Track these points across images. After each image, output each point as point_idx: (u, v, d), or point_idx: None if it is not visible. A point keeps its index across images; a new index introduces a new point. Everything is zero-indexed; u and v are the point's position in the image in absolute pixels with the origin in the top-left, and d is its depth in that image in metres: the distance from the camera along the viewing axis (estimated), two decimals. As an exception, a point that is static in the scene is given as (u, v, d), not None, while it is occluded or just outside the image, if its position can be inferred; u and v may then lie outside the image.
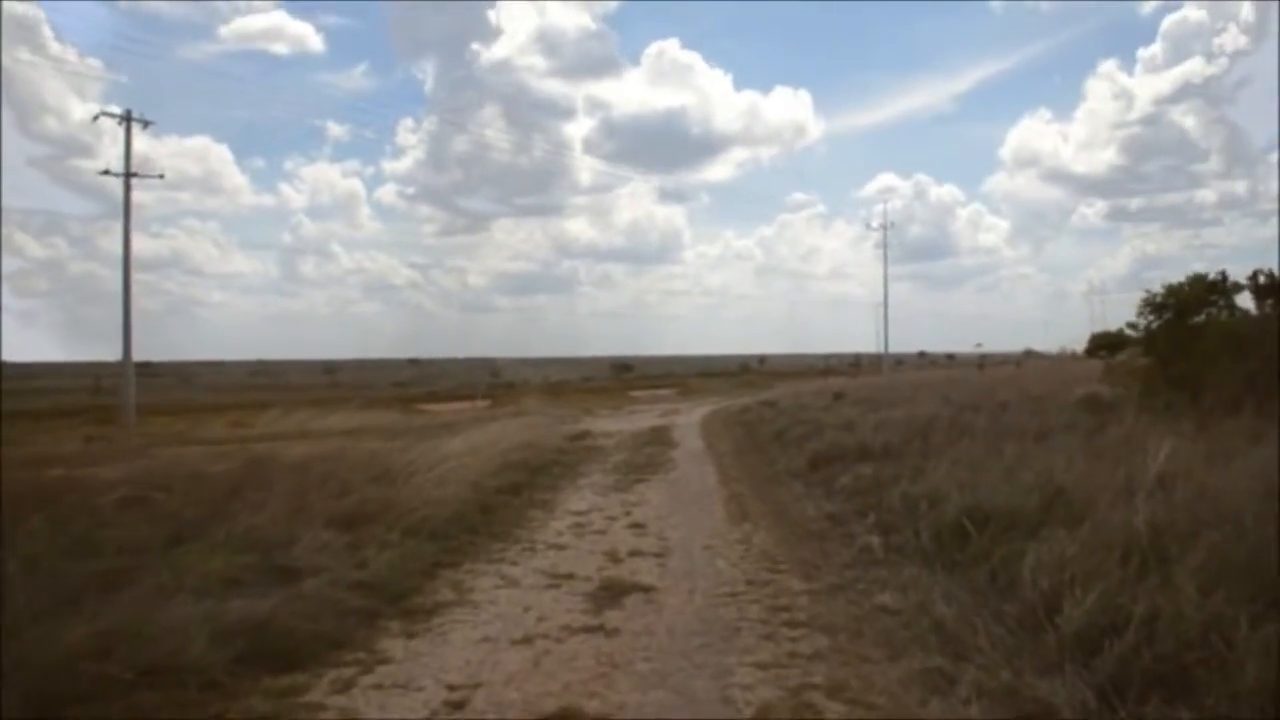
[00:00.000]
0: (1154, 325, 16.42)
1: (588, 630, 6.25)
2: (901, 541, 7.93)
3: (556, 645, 5.98)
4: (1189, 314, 16.40)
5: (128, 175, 33.52)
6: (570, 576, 7.78)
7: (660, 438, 21.97)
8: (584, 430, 24.35)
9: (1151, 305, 16.70)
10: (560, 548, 9.09)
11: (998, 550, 6.58)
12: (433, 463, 13.72)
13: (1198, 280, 17.14)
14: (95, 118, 33.96)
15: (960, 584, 6.45)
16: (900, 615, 6.04)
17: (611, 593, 7.19)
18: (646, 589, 7.26)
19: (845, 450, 13.46)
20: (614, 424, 27.63)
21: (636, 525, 10.14)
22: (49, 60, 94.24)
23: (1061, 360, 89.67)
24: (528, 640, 6.08)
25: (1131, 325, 16.94)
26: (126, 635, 5.55)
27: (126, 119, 33.74)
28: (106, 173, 33.56)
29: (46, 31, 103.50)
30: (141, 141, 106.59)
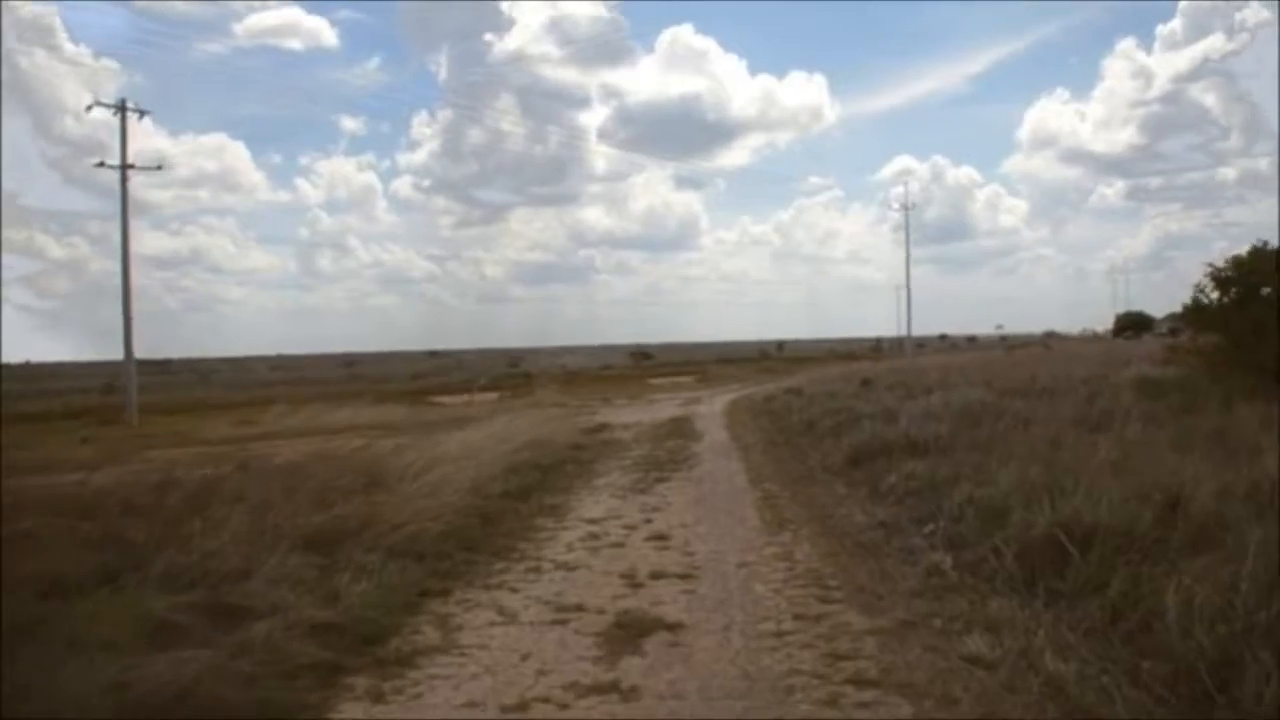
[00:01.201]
0: (1222, 301, 14.97)
1: (599, 690, 4.93)
2: (976, 560, 6.58)
3: (559, 714, 4.68)
4: (1259, 287, 14.94)
5: (124, 167, 32.39)
6: (580, 609, 6.47)
7: (682, 429, 20.66)
8: (601, 422, 23.06)
9: (1218, 280, 15.23)
10: (570, 567, 7.79)
11: (1112, 579, 5.23)
12: (432, 463, 12.49)
13: (1261, 251, 15.67)
14: (89, 108, 32.87)
15: (1069, 625, 5.10)
16: (999, 671, 4.69)
17: (629, 633, 5.87)
18: (672, 626, 5.94)
19: (888, 443, 12.10)
20: (633, 414, 26.33)
21: (658, 537, 8.83)
22: (64, 61, 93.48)
23: (1088, 341, 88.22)
24: (522, 706, 4.78)
25: (1198, 301, 15.40)
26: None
27: (121, 109, 32.61)
28: (102, 164, 32.42)
29: (61, 32, 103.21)
30: (158, 139, 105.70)
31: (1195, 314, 16.20)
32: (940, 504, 8.32)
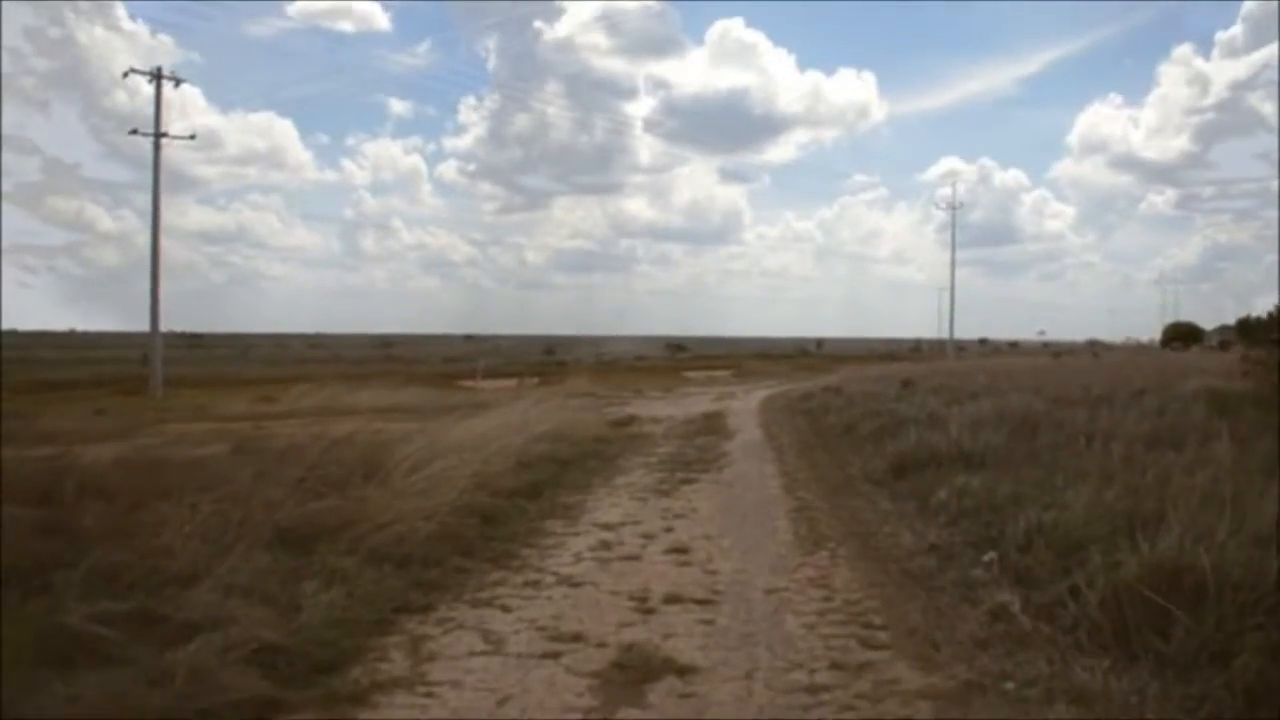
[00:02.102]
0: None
1: (584, 757, 3.95)
2: (1051, 603, 5.50)
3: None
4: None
5: (158, 135, 31.83)
6: (578, 639, 5.49)
7: (714, 426, 19.62)
8: (630, 415, 22.07)
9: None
10: (575, 583, 6.81)
11: (1240, 647, 4.15)
12: (439, 452, 11.57)
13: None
14: (125, 74, 32.33)
15: (1184, 704, 4.03)
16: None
17: (632, 676, 4.87)
18: (683, 671, 4.92)
19: (937, 453, 10.98)
20: (664, 408, 25.32)
21: (678, 550, 7.82)
22: (121, 36, 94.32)
23: (1135, 350, 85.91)
24: (487, 776, 3.81)
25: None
26: None
27: (157, 77, 32.04)
28: (135, 132, 31.88)
29: (120, 8, 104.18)
30: (210, 116, 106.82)
31: (1249, 327, 14.90)
32: (1002, 528, 7.22)
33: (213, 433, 19.11)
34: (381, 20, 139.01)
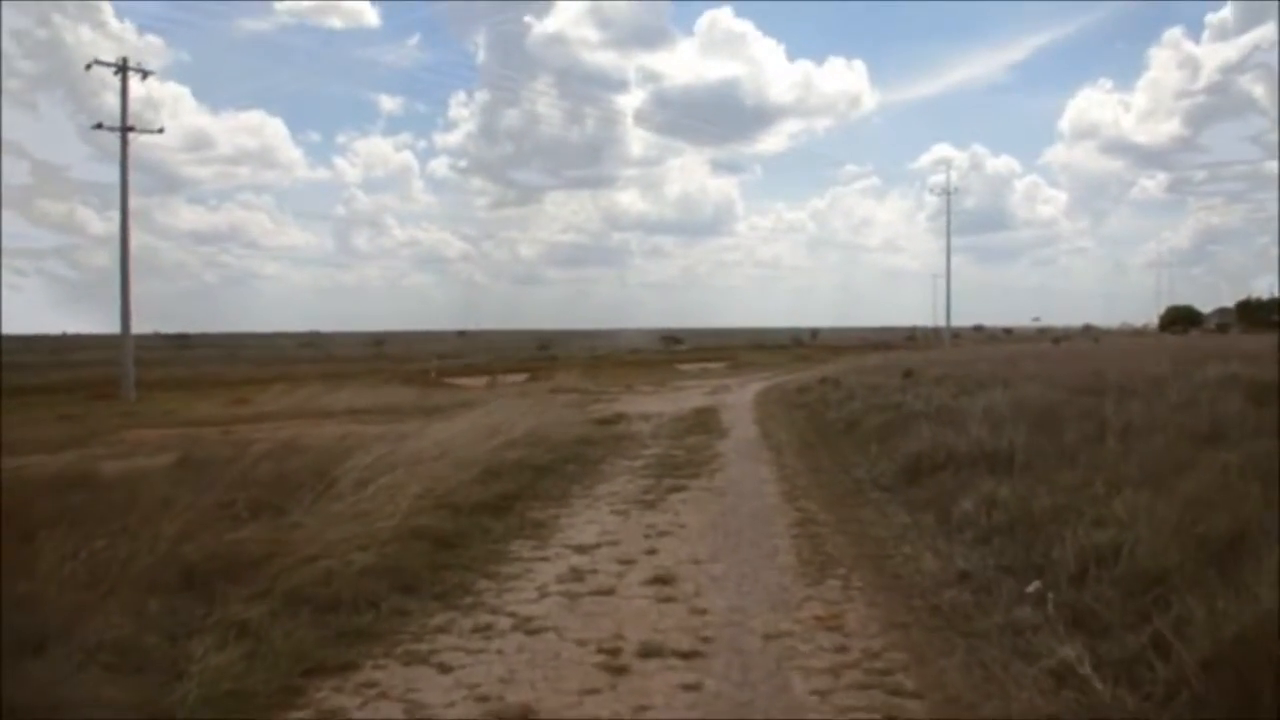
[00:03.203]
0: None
1: None
2: (1128, 658, 4.32)
3: None
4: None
5: (124, 129, 30.50)
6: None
7: (706, 423, 18.43)
8: (618, 412, 20.87)
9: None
10: (534, 630, 5.61)
11: None
12: (403, 459, 10.41)
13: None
14: (88, 67, 30.85)
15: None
16: None
17: (590, 778, 3.69)
18: (659, 769, 3.74)
19: (954, 453, 9.80)
20: (655, 403, 24.12)
21: (661, 580, 6.61)
22: (109, 37, 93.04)
23: (1134, 335, 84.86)
24: None
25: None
26: None
27: (122, 69, 30.67)
28: (99, 126, 30.55)
29: (106, 9, 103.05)
30: (200, 117, 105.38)
31: (1250, 309, 13.73)
32: (1046, 551, 6.05)
33: (175, 438, 17.94)
34: (371, 16, 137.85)
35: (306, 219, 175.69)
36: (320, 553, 6.46)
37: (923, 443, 10.56)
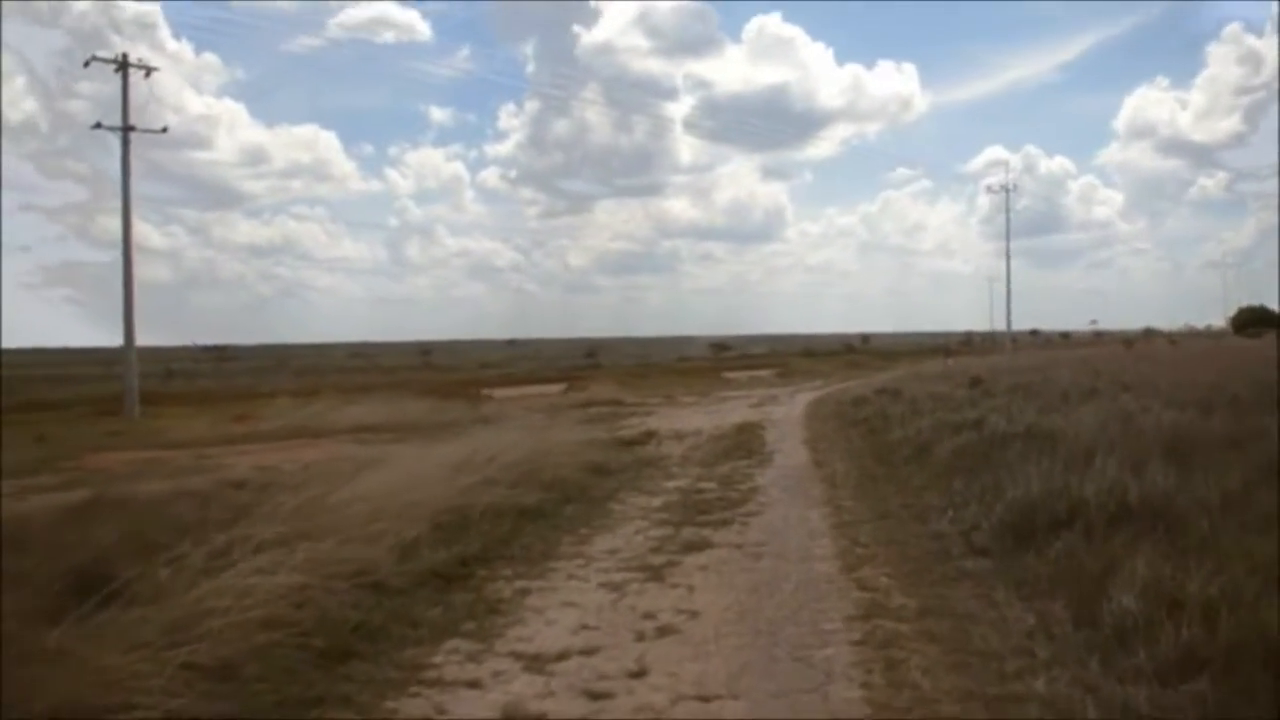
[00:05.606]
0: None
1: None
2: None
3: None
4: None
5: (125, 129, 28.62)
6: None
7: (748, 443, 15.82)
8: (649, 430, 18.33)
9: None
10: None
11: None
12: (343, 501, 8.04)
13: None
14: (86, 63, 28.99)
15: None
16: None
17: None
18: None
19: (1080, 502, 7.06)
20: (693, 418, 21.54)
21: (642, 738, 4.04)
22: (166, 57, 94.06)
23: (1207, 337, 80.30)
24: None
25: None
26: None
27: (123, 66, 28.81)
28: (99, 126, 28.69)
29: (163, 28, 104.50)
30: (255, 131, 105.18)
31: None
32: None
33: (141, 463, 15.80)
34: (422, 29, 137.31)
35: (359, 230, 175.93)
36: (119, 706, 3.96)
37: (1029, 483, 7.82)
